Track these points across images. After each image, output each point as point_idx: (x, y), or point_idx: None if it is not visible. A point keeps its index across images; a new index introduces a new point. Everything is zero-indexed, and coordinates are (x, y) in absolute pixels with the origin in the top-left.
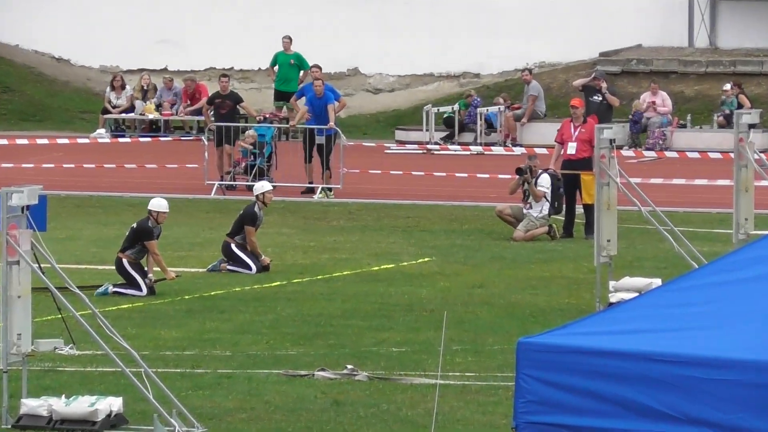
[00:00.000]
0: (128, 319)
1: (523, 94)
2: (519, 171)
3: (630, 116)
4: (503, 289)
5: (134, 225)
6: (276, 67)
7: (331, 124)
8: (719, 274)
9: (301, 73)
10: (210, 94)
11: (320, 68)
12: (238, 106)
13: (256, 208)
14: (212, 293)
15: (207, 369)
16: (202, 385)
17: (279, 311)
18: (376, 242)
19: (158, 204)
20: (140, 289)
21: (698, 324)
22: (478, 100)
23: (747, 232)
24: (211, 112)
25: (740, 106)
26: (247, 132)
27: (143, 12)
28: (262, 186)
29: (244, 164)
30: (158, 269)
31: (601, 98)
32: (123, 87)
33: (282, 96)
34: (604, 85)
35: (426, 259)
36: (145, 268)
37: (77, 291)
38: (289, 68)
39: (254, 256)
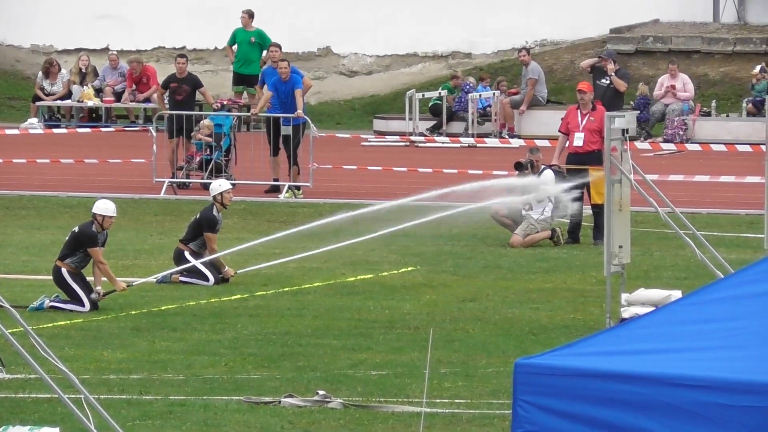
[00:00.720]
0: (66, 338)
1: (521, 78)
2: (518, 166)
3: (632, 102)
4: (499, 303)
5: (75, 229)
6: (235, 47)
7: (300, 112)
8: (748, 285)
9: (264, 53)
10: (164, 78)
11: (280, 47)
12: (197, 92)
13: (214, 211)
14: (163, 308)
15: (157, 395)
16: (152, 414)
17: (240, 329)
18: (352, 249)
19: (104, 207)
20: (82, 304)
21: (725, 343)
22: (470, 84)
23: None
24: (166, 98)
25: None
26: (202, 122)
27: None
28: (220, 185)
29: (198, 159)
30: (106, 280)
31: (608, 82)
32: (58, 72)
33: (242, 79)
34: (611, 66)
35: (409, 269)
36: (88, 279)
37: (7, 305)
38: (249, 47)
39: (213, 265)
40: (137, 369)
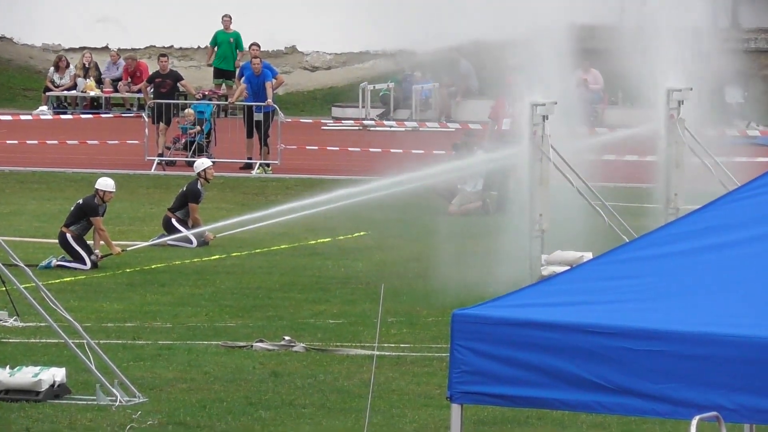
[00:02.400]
0: (71, 292)
1: (457, 72)
2: (455, 146)
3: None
4: (438, 263)
5: (80, 201)
6: (216, 47)
7: (269, 101)
8: (650, 248)
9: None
10: (150, 74)
11: (259, 46)
12: (178, 84)
13: (198, 185)
14: (153, 267)
15: (148, 341)
16: (143, 357)
17: (218, 284)
18: (313, 217)
19: (105, 183)
20: (84, 263)
21: (629, 297)
22: (411, 74)
23: (677, 207)
24: (151, 90)
25: None
26: (186, 110)
27: None
28: (203, 163)
29: (183, 140)
30: (104, 244)
31: None
32: (67, 67)
33: (221, 73)
34: None
35: (362, 233)
36: (90, 242)
37: (21, 264)
38: (228, 46)
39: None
40: (131, 318)
